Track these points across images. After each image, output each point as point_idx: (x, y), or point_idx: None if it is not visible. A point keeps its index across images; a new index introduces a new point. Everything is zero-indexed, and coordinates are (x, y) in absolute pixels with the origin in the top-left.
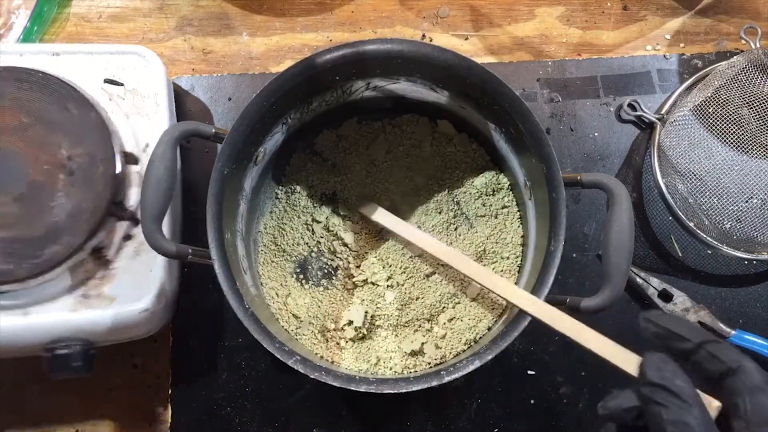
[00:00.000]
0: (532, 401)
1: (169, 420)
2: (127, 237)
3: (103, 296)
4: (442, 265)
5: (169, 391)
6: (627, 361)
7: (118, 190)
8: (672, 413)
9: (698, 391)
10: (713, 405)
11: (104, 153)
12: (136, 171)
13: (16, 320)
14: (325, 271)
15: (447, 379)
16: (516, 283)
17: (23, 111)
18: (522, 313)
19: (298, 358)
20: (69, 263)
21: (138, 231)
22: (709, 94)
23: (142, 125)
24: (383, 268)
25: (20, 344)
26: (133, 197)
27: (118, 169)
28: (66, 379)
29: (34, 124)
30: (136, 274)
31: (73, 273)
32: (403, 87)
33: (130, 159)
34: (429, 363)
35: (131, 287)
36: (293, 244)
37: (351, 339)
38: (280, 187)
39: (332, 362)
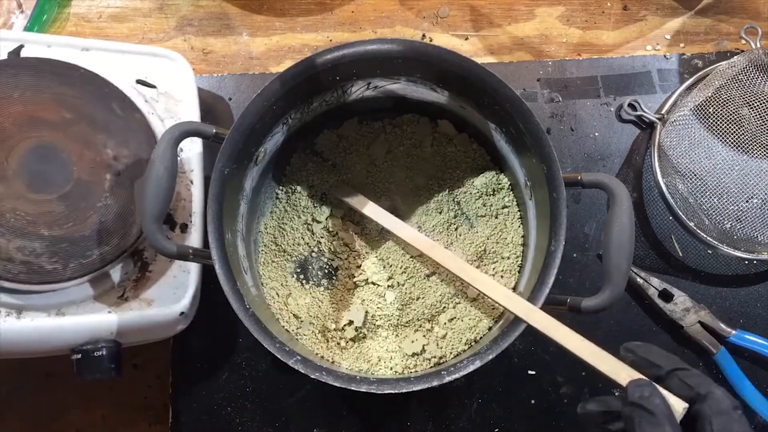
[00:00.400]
0: (533, 401)
1: (170, 420)
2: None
3: (142, 298)
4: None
5: (169, 391)
6: (618, 372)
7: None
8: (647, 428)
9: (667, 392)
10: (680, 407)
11: (150, 155)
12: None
13: (49, 321)
14: (326, 271)
15: (448, 379)
16: (516, 283)
17: (66, 107)
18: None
19: (299, 358)
20: (114, 265)
21: (176, 234)
22: (710, 94)
23: None
24: (384, 268)
25: (52, 346)
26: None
27: None
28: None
29: (78, 121)
30: (172, 276)
31: (114, 274)
32: (403, 87)
33: None
34: (429, 363)
35: (168, 289)
36: (294, 244)
37: (351, 339)
38: (281, 187)
39: (333, 362)
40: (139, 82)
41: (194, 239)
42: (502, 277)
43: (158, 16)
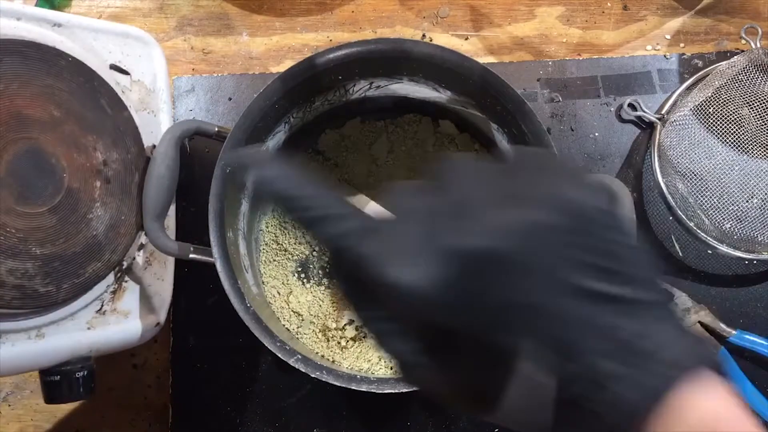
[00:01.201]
0: None
1: (170, 420)
2: (141, 246)
3: (119, 311)
4: None
5: (169, 391)
6: None
7: None
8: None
9: None
10: None
11: (138, 160)
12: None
13: (30, 344)
14: (327, 270)
15: None
16: None
17: (54, 102)
18: None
19: (299, 357)
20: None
21: (147, 241)
22: (710, 94)
23: (148, 123)
24: None
25: (32, 368)
26: None
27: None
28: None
29: (66, 119)
30: (146, 285)
31: (94, 288)
32: (405, 87)
33: (148, 163)
34: None
35: (144, 299)
36: (295, 243)
37: (352, 338)
38: None
39: (333, 361)
40: (113, 67)
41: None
42: None
43: (158, 16)
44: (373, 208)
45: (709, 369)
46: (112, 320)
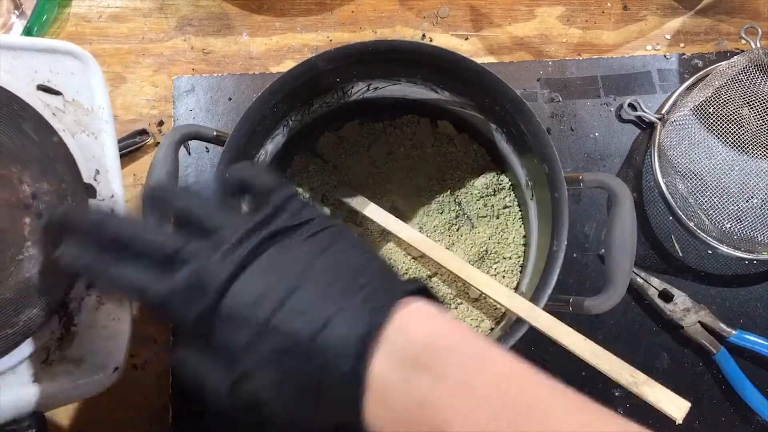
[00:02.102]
0: None
1: (170, 420)
2: (90, 285)
3: (68, 359)
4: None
5: (169, 391)
6: (619, 371)
7: None
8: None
9: None
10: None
11: (73, 187)
12: (95, 204)
13: None
14: None
15: None
16: (518, 283)
17: None
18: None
19: None
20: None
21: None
22: (710, 94)
23: (88, 146)
24: None
25: None
26: None
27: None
28: None
29: None
30: (101, 327)
31: (35, 336)
32: (403, 88)
33: (89, 191)
34: None
35: (99, 343)
36: None
37: None
38: None
39: None
40: (41, 88)
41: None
42: (503, 277)
43: (158, 16)
44: (372, 210)
45: (416, 296)
46: (62, 370)
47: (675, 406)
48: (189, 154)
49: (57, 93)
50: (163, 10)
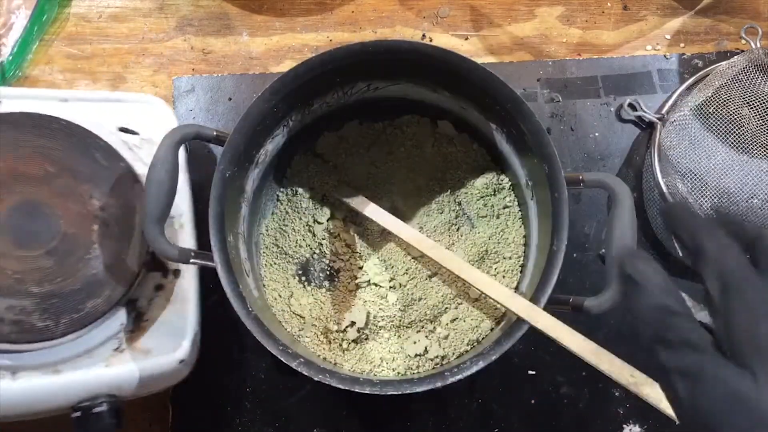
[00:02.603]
0: (533, 401)
1: (170, 420)
2: (159, 287)
3: (138, 349)
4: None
5: (170, 392)
6: (620, 371)
7: None
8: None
9: None
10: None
11: (139, 203)
12: None
13: (46, 380)
14: (327, 272)
15: (451, 380)
16: (518, 283)
17: (48, 160)
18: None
19: (302, 360)
20: (107, 317)
21: (169, 281)
22: (710, 94)
23: None
24: (385, 269)
25: (51, 405)
26: None
27: None
28: None
29: (61, 173)
30: (168, 324)
31: (107, 326)
32: (403, 88)
33: None
34: (432, 364)
35: (165, 337)
36: (295, 246)
37: (354, 340)
38: (282, 189)
39: (335, 364)
40: (121, 129)
41: (186, 241)
42: (504, 277)
43: (158, 16)
44: (372, 210)
45: None
46: (131, 358)
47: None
48: (189, 153)
49: (134, 133)
50: (163, 10)
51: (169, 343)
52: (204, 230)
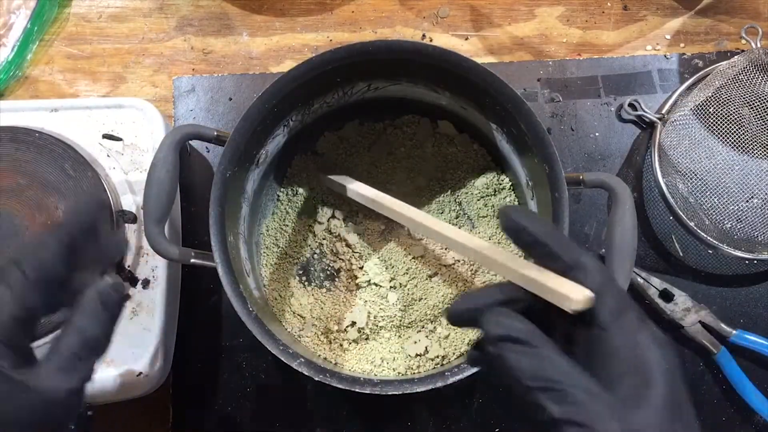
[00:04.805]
0: None
1: (170, 420)
2: (125, 297)
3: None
4: (445, 266)
5: (170, 391)
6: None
7: None
8: (524, 359)
9: (564, 280)
10: (581, 296)
11: (101, 212)
12: (134, 230)
13: None
14: (328, 272)
15: (452, 380)
16: None
17: (20, 172)
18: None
19: (303, 360)
20: None
21: (136, 291)
22: (710, 94)
23: (140, 181)
24: (386, 269)
25: None
26: (130, 258)
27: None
28: None
29: (30, 185)
30: (132, 336)
31: None
32: (404, 88)
33: (128, 218)
34: (432, 363)
35: (128, 349)
36: (295, 246)
37: (354, 340)
38: (282, 189)
39: (335, 364)
40: (105, 136)
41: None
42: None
43: (158, 16)
44: (356, 188)
45: None
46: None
47: (577, 290)
48: (189, 154)
49: (118, 139)
50: (163, 10)
51: (130, 356)
52: (192, 230)
